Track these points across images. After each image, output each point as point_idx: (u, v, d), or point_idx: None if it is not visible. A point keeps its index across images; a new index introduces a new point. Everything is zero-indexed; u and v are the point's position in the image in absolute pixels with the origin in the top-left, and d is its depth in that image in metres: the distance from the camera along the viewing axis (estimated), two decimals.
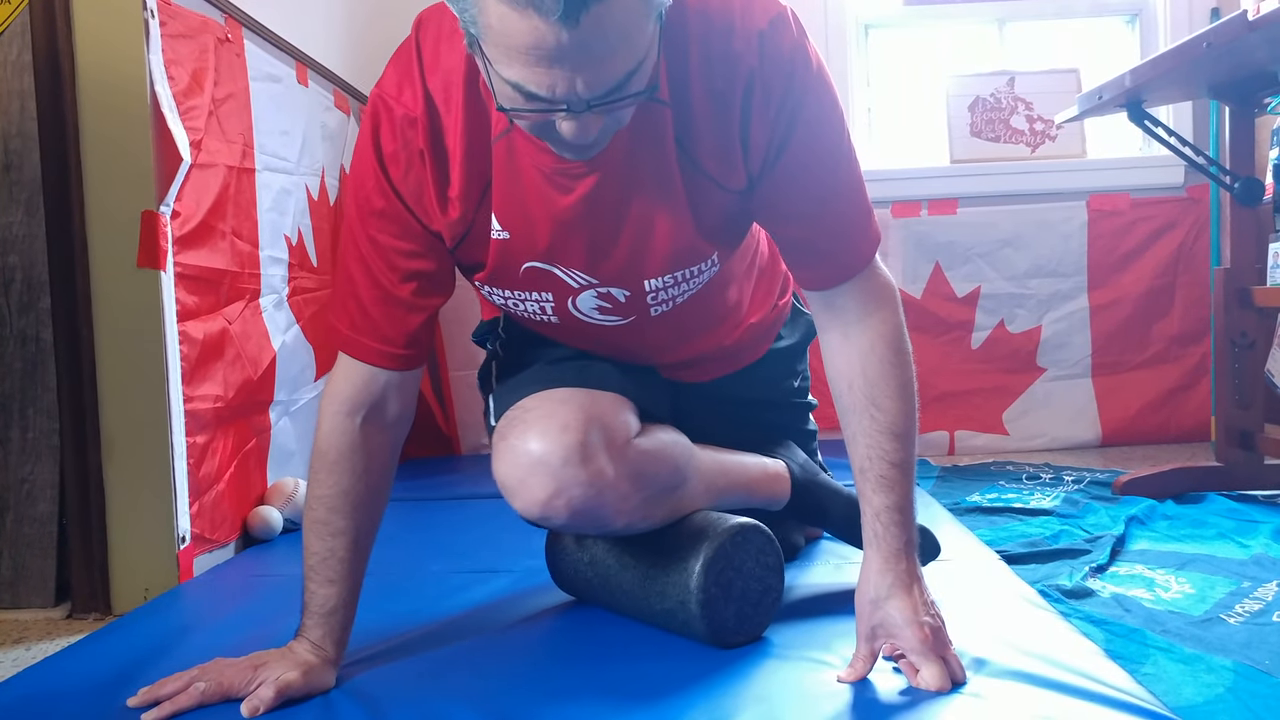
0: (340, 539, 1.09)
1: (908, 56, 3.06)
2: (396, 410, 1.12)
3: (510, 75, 0.81)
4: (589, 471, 1.09)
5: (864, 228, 1.07)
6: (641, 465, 1.15)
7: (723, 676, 1.07)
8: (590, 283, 1.11)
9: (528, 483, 1.10)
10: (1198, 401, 2.83)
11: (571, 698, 1.03)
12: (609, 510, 1.12)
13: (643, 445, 1.16)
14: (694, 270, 1.12)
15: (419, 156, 1.02)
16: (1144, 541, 1.77)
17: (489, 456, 1.18)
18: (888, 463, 1.05)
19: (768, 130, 0.99)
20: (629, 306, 1.14)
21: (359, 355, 1.09)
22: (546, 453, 1.09)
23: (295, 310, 2.10)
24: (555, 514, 1.11)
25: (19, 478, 1.65)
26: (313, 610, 1.09)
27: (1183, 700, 1.10)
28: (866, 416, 1.06)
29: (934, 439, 2.84)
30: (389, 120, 1.02)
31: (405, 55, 1.03)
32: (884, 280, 1.10)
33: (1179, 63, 1.82)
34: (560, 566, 1.34)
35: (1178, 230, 2.84)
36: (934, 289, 2.86)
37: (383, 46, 1.17)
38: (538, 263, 1.09)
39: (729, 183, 1.03)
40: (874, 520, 1.06)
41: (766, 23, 0.96)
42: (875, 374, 1.06)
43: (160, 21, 1.59)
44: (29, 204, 1.63)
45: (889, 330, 1.07)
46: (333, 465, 1.09)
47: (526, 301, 1.14)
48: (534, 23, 0.76)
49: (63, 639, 1.48)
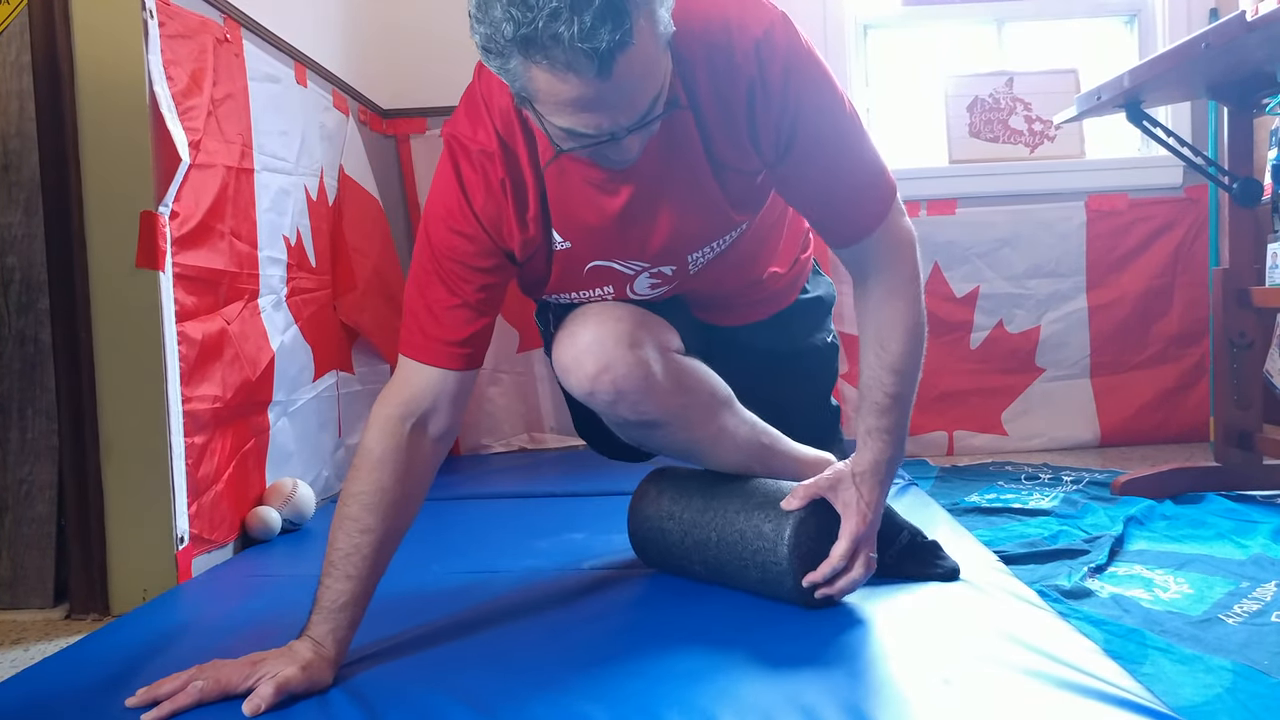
0: (368, 536, 1.12)
1: (906, 57, 3.07)
2: (445, 423, 1.19)
3: (562, 124, 0.97)
4: (635, 356, 1.23)
5: (876, 187, 1.21)
6: (682, 373, 1.29)
7: (723, 672, 1.07)
8: (643, 267, 1.26)
9: (580, 359, 1.24)
10: (1196, 402, 2.83)
11: (571, 697, 1.03)
12: (653, 400, 1.25)
13: (683, 359, 1.31)
14: (727, 237, 1.27)
15: (500, 185, 1.15)
16: (1142, 542, 1.77)
17: (489, 456, 1.22)
18: (884, 393, 1.23)
19: (773, 129, 1.13)
20: (675, 276, 1.30)
21: (429, 358, 1.17)
22: (600, 334, 1.24)
23: (294, 311, 2.10)
24: (602, 389, 1.23)
25: (17, 478, 1.65)
26: (323, 604, 1.10)
27: (1181, 700, 1.10)
28: (872, 353, 1.23)
29: (932, 439, 2.84)
30: (467, 156, 1.15)
31: (472, 99, 1.17)
32: (901, 231, 1.23)
33: (1177, 63, 1.82)
34: (642, 527, 1.45)
35: (1176, 230, 2.85)
36: (933, 289, 2.86)
37: (381, 47, 1.19)
38: (599, 261, 1.24)
39: (747, 167, 1.18)
40: (865, 435, 1.25)
41: (761, 32, 1.09)
42: (886, 318, 1.22)
43: (159, 22, 1.59)
44: (28, 204, 1.63)
45: (902, 282, 1.23)
46: (376, 463, 1.14)
47: (590, 297, 1.30)
48: (574, 83, 0.92)
49: (61, 639, 1.48)
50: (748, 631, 1.21)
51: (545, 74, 0.92)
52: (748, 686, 1.04)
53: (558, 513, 1.97)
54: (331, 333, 2.32)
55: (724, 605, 1.31)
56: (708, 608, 1.31)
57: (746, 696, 1.02)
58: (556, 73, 0.92)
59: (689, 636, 1.21)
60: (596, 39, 0.88)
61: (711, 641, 1.18)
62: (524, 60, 0.92)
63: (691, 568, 1.39)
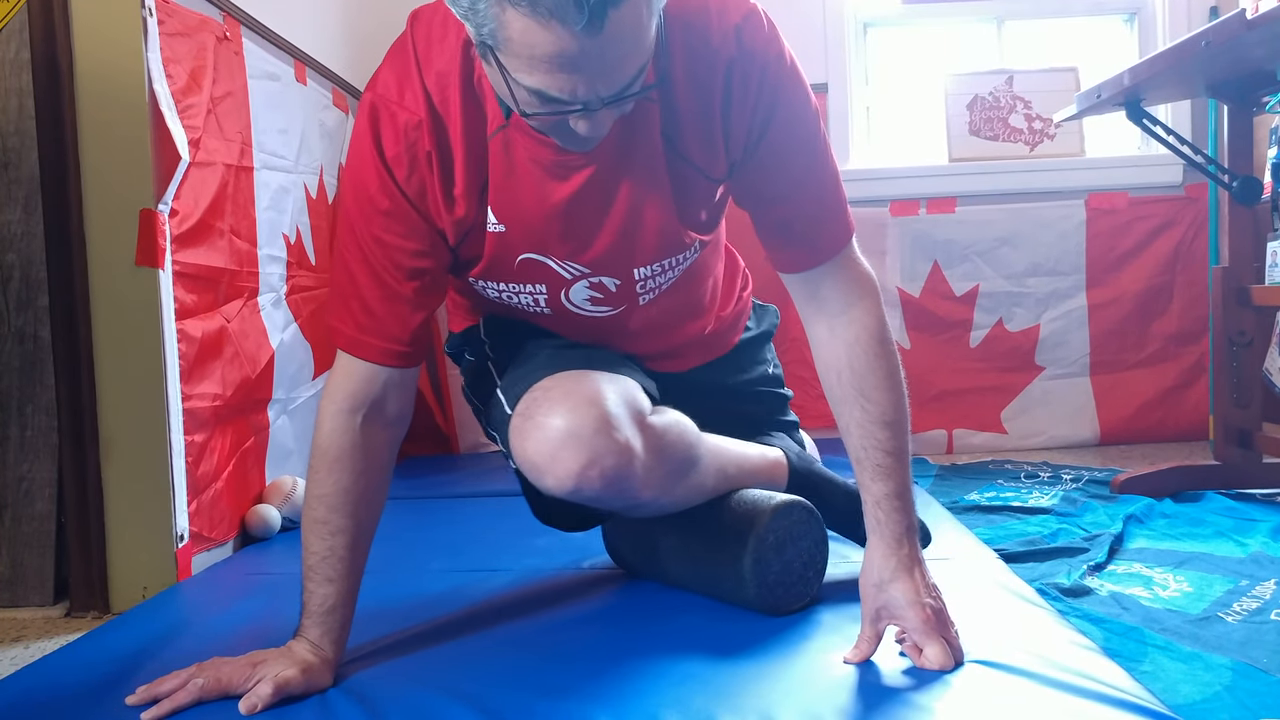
0: (340, 537, 1.09)
1: (906, 55, 3.06)
2: (396, 408, 1.13)
3: (531, 83, 0.84)
4: (619, 441, 1.12)
5: (839, 214, 1.12)
6: (660, 439, 1.18)
7: (722, 673, 1.07)
8: (582, 273, 1.15)
9: (559, 456, 1.11)
10: (1196, 400, 2.83)
11: (571, 697, 1.03)
12: (636, 481, 1.14)
13: (658, 421, 1.20)
14: (679, 258, 1.18)
15: (425, 158, 1.04)
16: (1142, 540, 1.77)
17: (488, 455, 1.19)
18: (882, 451, 1.09)
19: (747, 117, 1.05)
20: (619, 296, 1.19)
21: (363, 355, 1.09)
22: (577, 425, 1.10)
23: (293, 308, 2.10)
24: (588, 484, 1.11)
25: (17, 476, 1.65)
26: (311, 610, 1.09)
27: (1180, 698, 1.10)
28: (858, 408, 1.10)
29: (932, 437, 2.84)
30: (390, 123, 1.03)
31: (401, 54, 1.05)
32: (864, 271, 1.14)
33: (1177, 61, 1.82)
34: (617, 540, 1.44)
35: (1176, 229, 2.85)
36: (932, 287, 2.86)
37: (380, 44, 1.17)
38: (532, 254, 1.12)
39: (712, 171, 1.09)
40: (875, 508, 1.09)
41: (741, 17, 1.02)
42: (862, 366, 1.10)
43: (159, 20, 1.59)
44: (27, 202, 1.63)
45: (872, 321, 1.11)
46: (333, 464, 1.09)
47: (520, 294, 1.18)
48: (558, 33, 0.79)
49: (61, 637, 1.48)
50: (747, 632, 1.21)
51: (523, 19, 0.79)
52: (746, 687, 1.04)
53: None
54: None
55: (724, 605, 1.31)
56: (707, 608, 1.31)
57: (745, 697, 1.01)
58: (538, 19, 0.79)
59: (689, 636, 1.20)
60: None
61: (711, 641, 1.18)
62: (500, 1, 0.80)
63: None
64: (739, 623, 1.24)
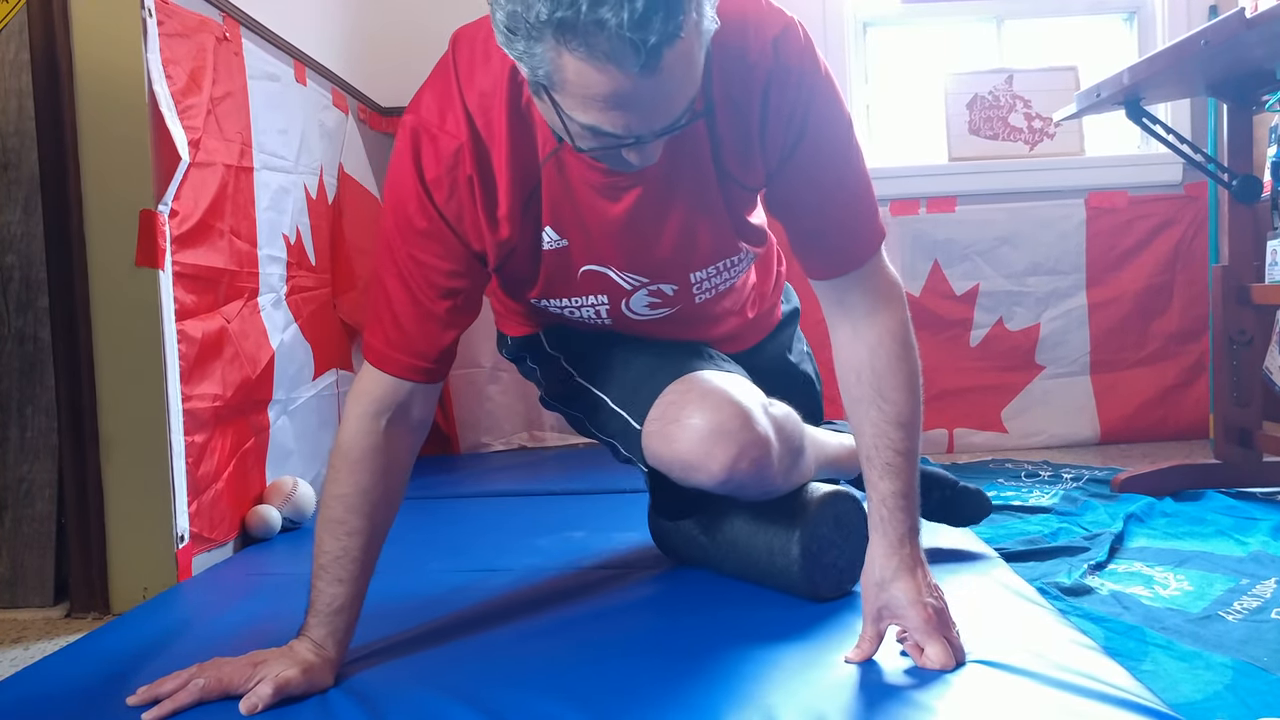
0: (355, 538, 1.10)
1: (906, 54, 3.06)
2: (420, 414, 1.16)
3: (587, 120, 0.86)
4: (759, 433, 1.19)
5: (870, 221, 1.13)
6: (781, 426, 1.24)
7: (723, 672, 1.07)
8: (641, 283, 1.20)
9: (713, 453, 1.17)
10: (1196, 399, 2.83)
11: (571, 697, 1.03)
12: (774, 468, 1.22)
13: (777, 411, 1.26)
14: (734, 260, 1.22)
15: (466, 182, 1.05)
16: (1142, 539, 1.77)
17: (488, 455, 1.21)
18: (893, 450, 1.11)
19: (783, 129, 1.06)
20: (676, 298, 1.24)
21: (389, 369, 1.11)
22: (723, 421, 1.17)
23: (293, 309, 2.10)
24: (739, 474, 1.18)
25: (17, 477, 1.65)
26: (318, 609, 1.09)
27: (1181, 697, 1.10)
28: (874, 407, 1.11)
29: (932, 437, 2.84)
30: (431, 146, 1.04)
31: (443, 77, 1.06)
32: (891, 278, 1.16)
33: (1177, 60, 1.82)
34: (670, 534, 1.49)
35: (1176, 228, 2.85)
36: (932, 287, 2.86)
37: (380, 44, 1.17)
38: (594, 265, 1.16)
39: (749, 182, 1.11)
40: (880, 505, 1.11)
41: (779, 29, 1.03)
42: (883, 367, 1.11)
43: (158, 20, 1.59)
44: (27, 203, 1.63)
45: (896, 325, 1.13)
46: (355, 464, 1.11)
47: (583, 308, 1.23)
48: (614, 76, 0.81)
49: (61, 638, 1.48)
50: (749, 630, 1.21)
51: (580, 63, 0.81)
52: (748, 685, 1.04)
53: (558, 511, 1.97)
54: (331, 331, 2.32)
55: (725, 604, 1.31)
56: (709, 606, 1.31)
57: (747, 695, 1.02)
58: (595, 63, 0.80)
59: (689, 635, 1.21)
60: (648, 28, 0.78)
61: (712, 640, 1.18)
62: (557, 46, 0.81)
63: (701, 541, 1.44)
64: (740, 622, 1.24)
